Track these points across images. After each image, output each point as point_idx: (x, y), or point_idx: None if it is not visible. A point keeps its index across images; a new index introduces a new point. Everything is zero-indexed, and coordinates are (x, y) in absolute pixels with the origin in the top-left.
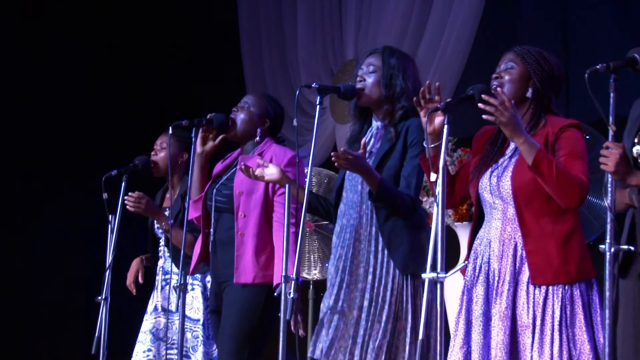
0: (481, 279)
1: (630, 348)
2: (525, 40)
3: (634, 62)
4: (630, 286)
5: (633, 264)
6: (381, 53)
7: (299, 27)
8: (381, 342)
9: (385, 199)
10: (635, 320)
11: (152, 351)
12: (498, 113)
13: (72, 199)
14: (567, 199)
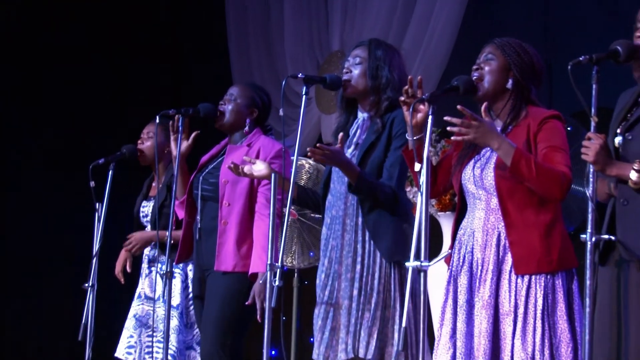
0: (465, 269)
1: (605, 333)
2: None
3: (616, 54)
4: (608, 274)
5: (612, 252)
6: (368, 45)
7: (286, 19)
8: (371, 329)
9: (364, 191)
10: (611, 306)
11: (134, 337)
12: (463, 132)
13: (60, 186)
14: (551, 193)
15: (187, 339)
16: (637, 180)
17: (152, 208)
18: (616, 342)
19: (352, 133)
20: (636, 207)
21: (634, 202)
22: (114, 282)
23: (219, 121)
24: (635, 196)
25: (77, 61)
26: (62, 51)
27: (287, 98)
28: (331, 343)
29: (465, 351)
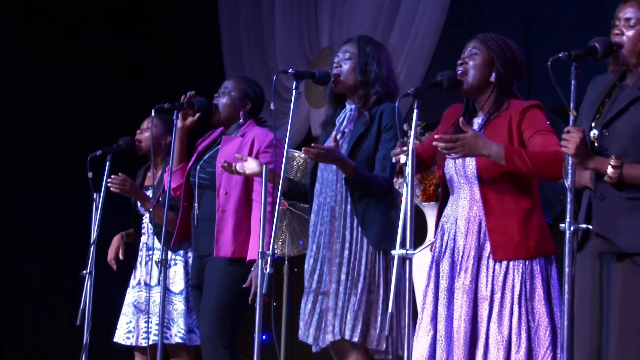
0: (447, 255)
1: (586, 319)
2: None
3: (594, 51)
4: (588, 262)
5: (589, 241)
6: (357, 41)
7: (277, 16)
8: (357, 313)
9: (360, 185)
10: (592, 294)
11: (132, 323)
12: (454, 152)
13: (59, 177)
14: (551, 176)
15: (189, 323)
16: (613, 175)
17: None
18: (597, 329)
19: (339, 123)
20: (612, 202)
21: (610, 197)
22: (110, 269)
23: (214, 115)
24: (611, 192)
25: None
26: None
27: (277, 92)
28: (320, 325)
29: (446, 334)
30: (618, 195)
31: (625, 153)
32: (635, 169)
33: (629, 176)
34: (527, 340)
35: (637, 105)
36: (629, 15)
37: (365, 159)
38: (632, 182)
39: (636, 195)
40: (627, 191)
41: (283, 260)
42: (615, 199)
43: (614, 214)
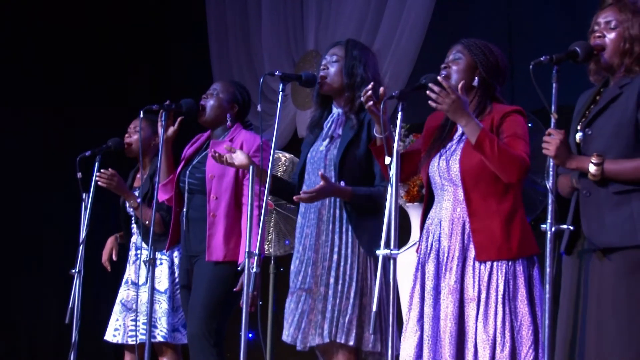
0: (432, 256)
1: (567, 316)
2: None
3: (575, 54)
4: (571, 262)
5: (577, 242)
6: (344, 45)
7: (263, 19)
8: (351, 316)
9: (361, 203)
10: (572, 292)
11: (119, 321)
12: (440, 99)
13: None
14: (508, 174)
15: (173, 322)
16: (595, 172)
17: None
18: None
19: (327, 127)
20: (597, 198)
21: (596, 194)
22: (99, 269)
23: (201, 116)
24: (596, 188)
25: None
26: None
27: (264, 94)
28: (300, 325)
29: (432, 334)
30: (604, 191)
31: (607, 149)
32: (616, 164)
33: (610, 171)
34: (510, 339)
35: (617, 103)
36: (610, 18)
37: (357, 165)
38: (615, 178)
39: (623, 189)
40: (612, 186)
41: (269, 260)
42: (601, 195)
43: (600, 209)
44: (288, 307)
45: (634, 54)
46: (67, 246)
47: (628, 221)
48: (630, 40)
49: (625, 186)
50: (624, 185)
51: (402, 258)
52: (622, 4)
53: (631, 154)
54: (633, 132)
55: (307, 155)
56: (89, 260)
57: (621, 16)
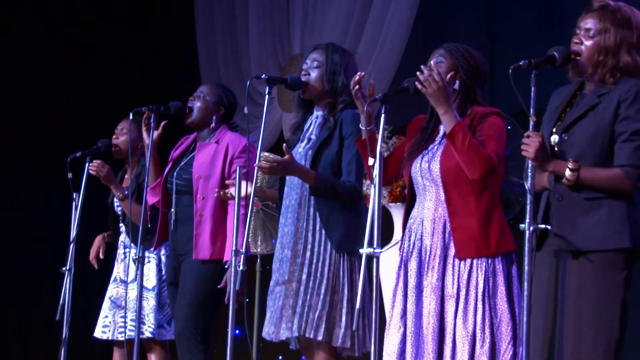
0: (414, 254)
1: (542, 313)
2: (456, 38)
3: (553, 59)
4: (545, 260)
5: (547, 240)
6: (325, 49)
7: (250, 24)
8: (321, 312)
9: (324, 190)
10: (548, 290)
11: (109, 317)
12: (427, 83)
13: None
14: (473, 170)
15: (159, 318)
16: (571, 178)
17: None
18: (551, 322)
19: (306, 129)
20: (570, 202)
21: (568, 198)
22: (89, 266)
23: (187, 118)
24: (570, 193)
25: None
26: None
27: (251, 97)
28: (273, 320)
29: (415, 330)
30: (576, 196)
31: (582, 156)
32: (591, 172)
33: (585, 179)
34: (490, 335)
35: (595, 112)
36: (589, 26)
37: (329, 163)
38: (588, 185)
39: (594, 196)
40: (584, 192)
41: (256, 258)
42: (574, 200)
43: (572, 213)
44: (268, 305)
45: (607, 66)
46: (58, 245)
47: (598, 227)
48: (605, 52)
49: (596, 193)
50: (595, 192)
51: (385, 256)
52: (604, 13)
53: (604, 163)
54: (607, 142)
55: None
56: (79, 259)
57: (600, 25)
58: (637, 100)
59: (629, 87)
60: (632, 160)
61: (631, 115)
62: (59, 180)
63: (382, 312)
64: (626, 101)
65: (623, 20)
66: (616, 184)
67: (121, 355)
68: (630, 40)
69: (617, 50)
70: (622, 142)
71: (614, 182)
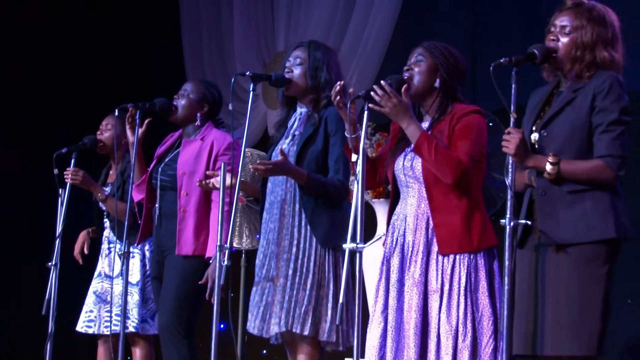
0: (397, 250)
1: (524, 307)
2: (438, 36)
3: (533, 57)
4: (527, 255)
5: (531, 235)
6: (307, 46)
7: (235, 22)
8: (307, 307)
9: (315, 190)
10: (529, 284)
11: (94, 312)
12: (382, 102)
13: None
14: (444, 176)
15: (142, 313)
16: (551, 171)
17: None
18: (533, 316)
19: (290, 125)
20: (552, 197)
21: (551, 192)
22: (74, 261)
23: (172, 115)
24: (552, 187)
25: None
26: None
27: (236, 94)
28: (264, 317)
29: (395, 325)
30: (558, 190)
31: (562, 150)
32: (571, 165)
33: (566, 171)
34: (472, 329)
35: (572, 106)
36: (565, 23)
37: (314, 159)
38: (570, 177)
39: (576, 188)
40: (566, 185)
41: (240, 254)
42: (556, 194)
43: (555, 208)
44: (253, 299)
45: (585, 61)
46: (44, 240)
47: (582, 219)
48: (582, 47)
49: (578, 186)
50: (577, 185)
51: (368, 252)
52: (579, 10)
53: (584, 156)
54: (586, 135)
55: (271, 154)
56: (64, 254)
57: (576, 22)
58: (611, 91)
59: (603, 80)
60: (611, 150)
61: (606, 106)
62: (45, 176)
63: (365, 307)
64: (601, 93)
65: (598, 17)
66: (597, 175)
67: (105, 350)
68: (606, 37)
69: (593, 46)
70: (600, 133)
71: (595, 172)
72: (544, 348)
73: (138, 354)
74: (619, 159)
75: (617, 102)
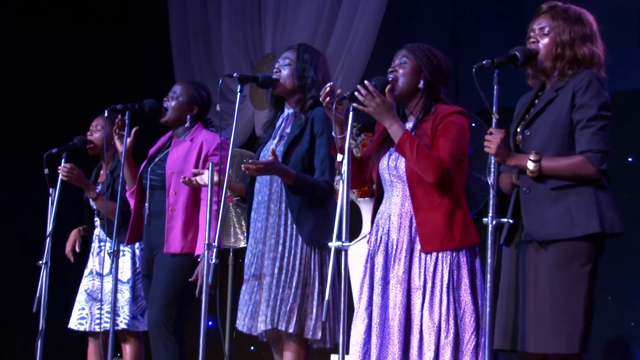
0: (381, 248)
1: (506, 303)
2: (422, 38)
3: (514, 58)
4: (510, 253)
5: (517, 233)
6: (296, 49)
7: (223, 24)
8: (292, 305)
9: (303, 191)
10: (510, 281)
11: (85, 309)
12: (366, 102)
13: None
14: (425, 174)
15: (133, 310)
16: (533, 169)
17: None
18: (515, 312)
19: (278, 126)
20: (536, 195)
21: (535, 190)
22: (65, 260)
23: (162, 117)
24: (536, 185)
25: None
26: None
27: (224, 95)
28: (253, 315)
29: (380, 321)
30: (542, 187)
31: (544, 148)
32: (553, 162)
33: (547, 168)
34: (454, 326)
35: (553, 105)
36: (543, 25)
37: (300, 160)
38: (552, 174)
39: (560, 185)
40: (550, 182)
41: (228, 252)
42: (540, 191)
43: (540, 205)
44: (242, 298)
45: (566, 58)
46: (34, 239)
47: (566, 215)
48: (562, 45)
49: (562, 182)
50: (560, 182)
51: (354, 250)
52: (555, 12)
53: (566, 153)
54: (567, 132)
55: (259, 154)
56: (55, 252)
57: (554, 23)
58: (590, 88)
59: (582, 77)
60: (592, 145)
61: (586, 102)
62: (36, 176)
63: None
64: (580, 90)
65: (574, 16)
66: (579, 170)
67: (96, 346)
68: (584, 33)
69: (572, 43)
70: (581, 129)
71: (577, 168)
72: (525, 344)
73: (128, 351)
74: (599, 153)
75: (596, 98)
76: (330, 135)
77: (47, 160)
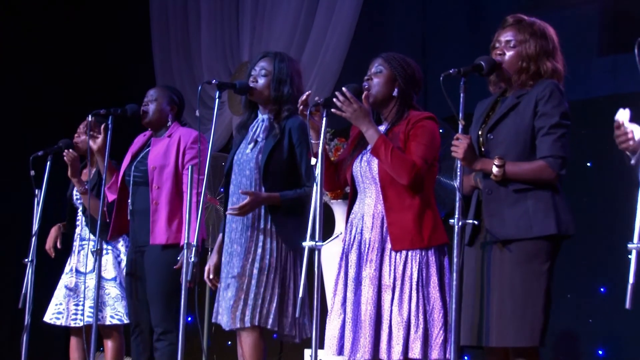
0: (355, 247)
1: (471, 301)
2: (392, 47)
3: (480, 68)
4: (474, 253)
5: (479, 234)
6: (273, 58)
7: (203, 33)
8: (270, 304)
9: (291, 206)
10: (476, 279)
11: (62, 305)
12: (343, 107)
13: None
14: (399, 177)
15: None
16: (498, 173)
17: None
18: (479, 309)
19: (252, 130)
20: (498, 196)
21: (496, 192)
22: (49, 258)
23: (144, 119)
24: (498, 187)
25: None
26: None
27: (203, 101)
28: (228, 312)
29: (353, 317)
30: (503, 190)
31: (507, 153)
32: (516, 166)
33: (511, 173)
34: (423, 322)
35: (516, 111)
36: (509, 38)
37: (279, 168)
38: (515, 178)
39: (520, 187)
40: (511, 185)
41: (207, 251)
42: (501, 193)
43: (500, 206)
44: (218, 295)
45: (530, 72)
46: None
47: (524, 217)
48: (527, 59)
49: (523, 185)
50: (521, 185)
51: (327, 249)
52: (521, 26)
53: (527, 157)
54: (529, 138)
55: (233, 156)
56: (40, 251)
57: (520, 36)
58: (552, 97)
59: (544, 87)
60: (552, 151)
61: (548, 111)
62: (22, 178)
63: (324, 301)
64: (543, 99)
65: (540, 32)
66: (540, 175)
67: (78, 342)
68: (547, 49)
69: (537, 57)
70: (542, 135)
71: (538, 172)
72: (489, 339)
73: (110, 346)
74: (560, 159)
75: (557, 107)
76: (308, 144)
77: (33, 163)
